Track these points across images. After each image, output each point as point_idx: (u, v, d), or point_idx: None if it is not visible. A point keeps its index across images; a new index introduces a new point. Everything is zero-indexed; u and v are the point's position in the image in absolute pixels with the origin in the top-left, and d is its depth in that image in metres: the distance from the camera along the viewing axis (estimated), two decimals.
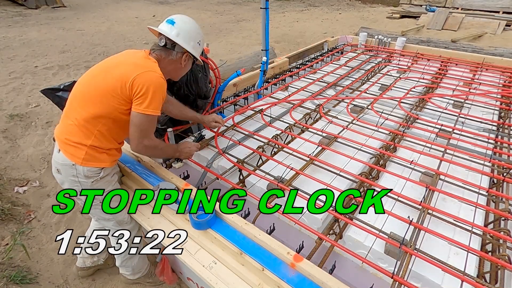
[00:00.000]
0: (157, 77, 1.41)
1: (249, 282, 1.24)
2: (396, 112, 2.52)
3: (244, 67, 3.27)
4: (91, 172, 1.45)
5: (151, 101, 1.38)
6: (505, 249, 1.29)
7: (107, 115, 1.41)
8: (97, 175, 1.48)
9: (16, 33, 8.21)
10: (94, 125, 1.41)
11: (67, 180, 1.48)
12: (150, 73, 1.39)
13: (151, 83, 1.37)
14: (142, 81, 1.36)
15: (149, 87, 1.36)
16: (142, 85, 1.36)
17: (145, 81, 1.36)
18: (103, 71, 1.45)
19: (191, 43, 1.57)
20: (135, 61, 1.44)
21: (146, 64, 1.43)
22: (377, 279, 1.36)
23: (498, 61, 3.63)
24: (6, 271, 2.04)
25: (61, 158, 1.43)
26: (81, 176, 1.44)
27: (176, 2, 14.39)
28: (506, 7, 9.30)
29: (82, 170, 1.43)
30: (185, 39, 1.54)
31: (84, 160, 1.42)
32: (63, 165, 1.44)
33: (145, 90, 1.36)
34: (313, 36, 8.19)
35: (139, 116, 1.40)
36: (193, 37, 1.58)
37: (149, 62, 1.46)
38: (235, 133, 2.22)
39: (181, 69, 1.63)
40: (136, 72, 1.37)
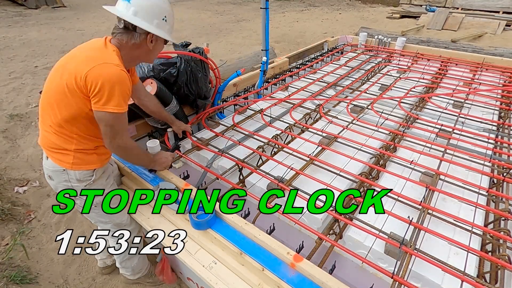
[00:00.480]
0: (113, 70, 1.23)
1: (249, 282, 1.24)
2: (396, 112, 2.52)
3: (244, 67, 3.27)
4: (83, 175, 1.41)
5: (109, 98, 1.22)
6: (505, 249, 1.29)
7: (77, 115, 1.30)
8: (89, 178, 1.43)
9: (16, 33, 8.22)
10: (69, 129, 1.33)
11: (60, 186, 1.44)
12: (103, 66, 1.22)
13: (106, 78, 1.21)
14: (95, 76, 1.20)
15: (104, 83, 1.20)
16: (96, 81, 1.20)
17: (99, 76, 1.20)
18: (60, 70, 1.31)
19: (154, 21, 1.33)
20: (88, 54, 1.28)
21: (100, 56, 1.26)
22: (377, 279, 1.36)
23: (498, 61, 3.62)
24: (6, 271, 2.04)
25: (50, 164, 1.39)
26: (74, 180, 1.41)
27: (176, 2, 14.39)
28: (506, 7, 9.29)
29: (74, 174, 1.39)
30: (145, 17, 1.31)
31: (73, 165, 1.37)
32: (54, 171, 1.40)
33: (100, 87, 1.20)
34: (313, 36, 8.19)
35: (101, 114, 1.25)
36: (156, 13, 1.33)
37: (105, 53, 1.29)
38: (235, 133, 2.23)
39: (151, 52, 1.42)
40: (88, 67, 1.21)
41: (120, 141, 1.35)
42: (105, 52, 1.29)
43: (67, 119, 1.30)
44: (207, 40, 7.97)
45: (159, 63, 2.09)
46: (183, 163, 2.13)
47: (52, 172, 1.41)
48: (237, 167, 1.83)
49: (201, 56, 2.19)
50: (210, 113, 2.49)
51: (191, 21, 10.33)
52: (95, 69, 1.21)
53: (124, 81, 1.26)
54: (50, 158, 1.39)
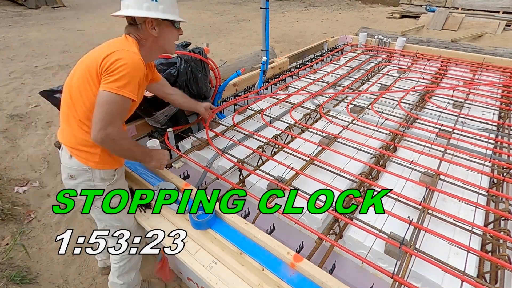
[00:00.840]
0: (133, 56, 1.24)
1: (249, 282, 1.24)
2: (396, 112, 2.53)
3: (244, 67, 3.27)
4: (107, 174, 1.41)
5: (123, 80, 1.19)
6: (505, 249, 1.29)
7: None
8: (112, 177, 1.43)
9: (16, 33, 8.22)
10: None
11: (82, 185, 1.41)
12: (124, 51, 1.23)
13: (126, 61, 1.20)
14: (114, 58, 1.20)
15: (123, 65, 1.19)
16: (114, 61, 1.20)
17: (118, 58, 1.20)
18: (84, 61, 1.33)
19: (143, 5, 1.32)
20: (110, 43, 1.32)
21: (121, 44, 1.29)
22: (377, 279, 1.36)
23: (498, 61, 3.63)
24: (6, 271, 2.04)
25: (75, 163, 1.36)
26: (97, 179, 1.39)
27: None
28: (506, 7, 9.29)
29: (98, 173, 1.38)
30: (134, 5, 1.32)
31: (99, 164, 1.36)
32: (79, 170, 1.37)
33: (118, 67, 1.19)
34: (313, 36, 8.19)
35: (107, 94, 1.19)
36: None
37: (126, 42, 1.32)
38: (235, 133, 2.23)
39: (159, 39, 1.41)
40: (109, 51, 1.22)
41: (113, 129, 1.24)
42: (126, 42, 1.32)
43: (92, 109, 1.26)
44: (207, 40, 7.97)
45: (159, 63, 2.09)
46: (183, 163, 2.13)
47: (76, 172, 1.37)
48: (237, 167, 1.83)
49: (201, 56, 2.19)
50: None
51: (191, 21, 10.33)
52: (115, 53, 1.22)
53: (141, 69, 1.27)
54: (74, 157, 1.35)
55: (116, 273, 1.76)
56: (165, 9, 1.37)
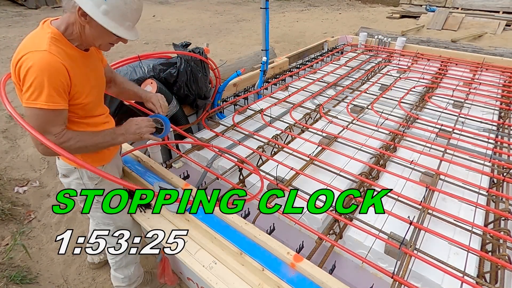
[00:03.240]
0: (41, 56, 1.06)
1: (249, 282, 1.24)
2: (396, 112, 2.52)
3: (244, 67, 3.27)
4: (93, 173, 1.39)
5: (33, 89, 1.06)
6: (505, 249, 1.29)
7: None
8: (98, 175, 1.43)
9: (16, 33, 8.20)
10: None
11: (73, 183, 1.43)
12: (31, 53, 1.06)
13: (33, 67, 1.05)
14: (23, 64, 1.06)
15: (30, 72, 1.05)
16: (23, 68, 1.06)
17: (26, 64, 1.06)
18: None
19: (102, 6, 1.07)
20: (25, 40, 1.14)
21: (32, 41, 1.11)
22: (377, 279, 1.36)
23: (498, 61, 3.63)
24: (6, 271, 2.04)
25: (62, 163, 1.38)
26: (85, 178, 1.40)
27: (176, 2, 14.38)
28: (506, 7, 9.29)
29: (85, 172, 1.39)
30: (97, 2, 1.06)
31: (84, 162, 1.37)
32: (67, 169, 1.39)
33: (25, 75, 1.06)
34: (313, 36, 8.18)
35: (25, 109, 1.09)
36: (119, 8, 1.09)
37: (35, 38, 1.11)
38: (235, 133, 2.23)
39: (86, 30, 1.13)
40: (20, 54, 1.08)
41: (54, 138, 1.12)
42: (36, 37, 1.11)
43: None
44: (207, 40, 7.96)
45: (159, 63, 2.09)
46: (183, 163, 2.13)
47: (65, 171, 1.40)
48: (237, 167, 1.83)
49: (201, 56, 2.19)
50: (210, 113, 2.49)
51: (191, 21, 10.33)
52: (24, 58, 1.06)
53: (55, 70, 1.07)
54: (61, 158, 1.37)
55: (114, 267, 1.78)
56: (108, 13, 1.09)
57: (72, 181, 1.43)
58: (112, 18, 1.10)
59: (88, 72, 1.25)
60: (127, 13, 1.13)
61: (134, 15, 1.17)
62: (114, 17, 1.10)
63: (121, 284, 1.84)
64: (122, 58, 2.08)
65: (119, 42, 1.24)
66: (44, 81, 1.05)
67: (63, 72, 1.10)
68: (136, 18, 1.19)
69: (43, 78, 1.05)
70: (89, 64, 1.28)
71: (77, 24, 1.13)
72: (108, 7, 1.08)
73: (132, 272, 1.81)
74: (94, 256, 2.10)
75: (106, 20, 1.09)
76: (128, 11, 1.13)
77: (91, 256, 2.12)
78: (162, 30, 8.93)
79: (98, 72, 1.35)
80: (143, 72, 2.05)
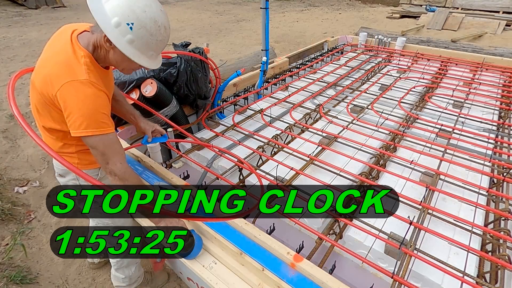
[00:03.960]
0: (81, 89, 1.06)
1: (249, 282, 1.24)
2: (396, 112, 2.52)
3: (244, 67, 3.27)
4: (89, 173, 1.38)
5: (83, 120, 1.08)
6: (505, 249, 1.29)
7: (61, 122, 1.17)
8: (95, 176, 1.43)
9: (16, 33, 8.21)
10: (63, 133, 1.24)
11: (69, 183, 1.45)
12: (71, 84, 1.06)
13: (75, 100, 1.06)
14: (64, 97, 1.07)
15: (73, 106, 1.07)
16: (65, 102, 1.07)
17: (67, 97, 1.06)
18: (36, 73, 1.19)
19: (113, 19, 1.05)
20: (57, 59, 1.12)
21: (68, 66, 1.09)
22: (377, 279, 1.36)
23: (498, 61, 3.63)
24: (6, 271, 2.04)
25: (58, 163, 1.39)
26: (81, 179, 1.38)
27: (176, 2, 14.38)
28: (506, 7, 9.29)
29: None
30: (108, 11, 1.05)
31: (79, 165, 1.36)
32: (64, 170, 1.41)
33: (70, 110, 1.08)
34: (313, 36, 8.18)
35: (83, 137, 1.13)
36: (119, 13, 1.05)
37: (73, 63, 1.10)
38: (235, 133, 2.23)
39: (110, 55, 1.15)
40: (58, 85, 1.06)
41: (114, 167, 1.19)
42: (73, 62, 1.10)
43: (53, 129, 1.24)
44: (207, 40, 7.95)
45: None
46: (183, 163, 2.13)
47: (62, 171, 1.43)
48: (237, 167, 1.83)
49: (201, 56, 2.19)
50: (210, 113, 2.49)
51: (191, 21, 10.32)
52: (63, 89, 1.06)
53: (95, 98, 1.10)
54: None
55: (115, 267, 1.78)
56: (133, 42, 1.09)
57: (69, 181, 1.44)
58: (136, 47, 1.11)
59: (110, 88, 1.32)
60: (151, 44, 1.14)
61: (159, 46, 1.18)
62: (138, 46, 1.11)
63: (121, 284, 1.84)
64: None
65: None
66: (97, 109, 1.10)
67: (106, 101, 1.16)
68: (160, 48, 1.20)
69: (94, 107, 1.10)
70: (109, 80, 1.34)
71: (103, 48, 1.15)
72: (133, 37, 1.09)
73: (132, 272, 1.82)
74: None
75: (129, 49, 1.10)
76: (153, 42, 1.14)
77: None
78: None
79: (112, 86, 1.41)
80: (143, 72, 2.05)
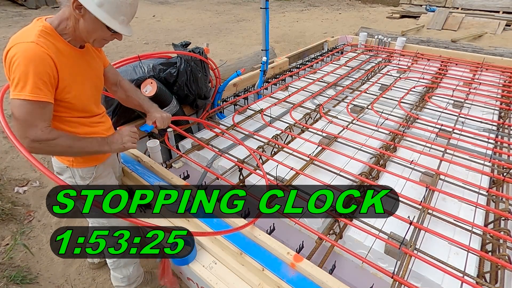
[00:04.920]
0: (27, 47, 1.04)
1: (249, 282, 1.24)
2: (396, 112, 2.52)
3: (244, 67, 3.27)
4: (85, 172, 1.41)
5: (18, 80, 1.04)
6: (505, 249, 1.29)
7: None
8: (90, 175, 1.42)
9: None
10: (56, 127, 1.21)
11: (67, 181, 1.44)
12: (19, 44, 1.05)
13: (18, 57, 1.03)
14: (10, 55, 1.06)
15: (15, 63, 1.04)
16: (10, 59, 1.06)
17: (13, 54, 1.05)
18: None
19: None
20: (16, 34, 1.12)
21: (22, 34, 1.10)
22: (377, 279, 1.36)
23: (498, 61, 3.63)
24: (6, 271, 2.04)
25: (56, 161, 1.40)
26: (77, 177, 1.41)
27: (176, 2, 14.38)
28: (506, 7, 9.29)
29: (76, 172, 1.39)
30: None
31: (74, 162, 1.35)
32: (60, 167, 1.40)
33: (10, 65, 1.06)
34: (313, 36, 8.18)
35: (11, 101, 1.07)
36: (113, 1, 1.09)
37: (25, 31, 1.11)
38: (235, 133, 2.22)
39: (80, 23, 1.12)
40: (7, 48, 1.07)
41: (34, 134, 1.09)
42: (25, 31, 1.11)
43: None
44: (207, 40, 7.95)
45: (159, 63, 2.09)
46: (183, 163, 2.13)
47: (59, 169, 1.41)
48: (237, 167, 1.83)
49: (201, 56, 2.19)
50: (210, 113, 2.49)
51: (191, 21, 10.33)
52: (11, 49, 1.06)
53: (40, 60, 1.05)
54: (54, 156, 1.39)
55: (112, 267, 1.77)
56: (103, 5, 1.08)
57: (66, 179, 1.42)
58: (106, 10, 1.09)
59: (81, 69, 1.23)
60: (121, 6, 1.12)
61: (129, 10, 1.16)
62: (108, 9, 1.10)
63: (121, 284, 1.84)
64: (122, 58, 2.08)
65: (114, 39, 1.22)
66: (29, 72, 1.03)
67: (49, 63, 1.08)
68: (130, 13, 1.18)
69: (28, 68, 1.03)
70: (83, 62, 1.26)
71: (71, 18, 1.12)
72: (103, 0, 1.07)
73: (131, 272, 1.81)
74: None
75: (100, 12, 1.08)
76: (123, 5, 1.12)
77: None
78: (162, 30, 8.93)
79: (95, 71, 1.34)
80: (143, 72, 2.05)
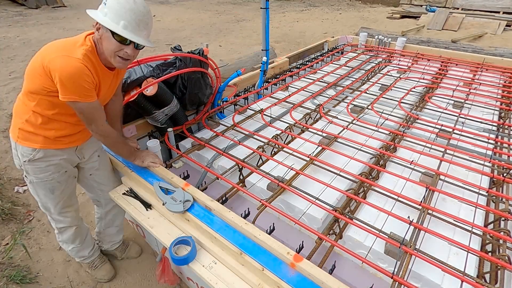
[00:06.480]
0: (69, 62, 1.25)
1: (249, 282, 1.24)
2: (396, 112, 2.52)
3: (244, 67, 3.27)
4: (24, 151, 1.45)
5: (67, 89, 1.27)
6: (505, 249, 1.29)
7: (40, 90, 1.33)
8: (28, 155, 1.45)
9: (17, 33, 8.21)
10: (30, 101, 1.38)
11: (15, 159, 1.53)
12: (62, 58, 1.25)
13: (62, 71, 1.24)
14: (54, 67, 1.25)
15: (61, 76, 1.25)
16: (54, 71, 1.25)
17: (55, 67, 1.25)
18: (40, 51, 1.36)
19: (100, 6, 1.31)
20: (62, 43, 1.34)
21: (67, 47, 1.30)
22: (377, 279, 1.36)
23: (498, 62, 3.63)
24: (6, 271, 2.04)
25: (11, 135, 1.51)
26: (20, 154, 1.48)
27: (176, 2, 14.39)
28: (506, 7, 9.29)
29: (19, 149, 1.46)
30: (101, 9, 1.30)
31: (19, 138, 1.44)
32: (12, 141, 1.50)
33: (57, 78, 1.25)
34: (313, 36, 8.18)
35: (68, 103, 1.32)
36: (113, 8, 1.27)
37: (73, 46, 1.31)
38: (235, 133, 2.22)
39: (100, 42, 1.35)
40: (51, 56, 1.26)
41: (95, 128, 1.43)
42: (73, 46, 1.31)
43: (29, 91, 1.36)
44: (207, 40, 7.96)
45: (159, 63, 2.09)
46: (183, 163, 2.13)
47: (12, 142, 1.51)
48: (237, 167, 1.83)
49: (201, 56, 2.19)
50: (210, 113, 2.49)
51: (191, 21, 10.33)
52: (56, 59, 1.25)
53: (79, 74, 1.27)
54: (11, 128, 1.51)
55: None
56: (107, 14, 1.27)
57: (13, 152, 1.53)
58: (110, 18, 1.27)
59: (105, 87, 1.47)
60: (120, 12, 1.26)
61: (128, 15, 1.28)
62: (111, 17, 1.27)
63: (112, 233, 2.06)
64: None
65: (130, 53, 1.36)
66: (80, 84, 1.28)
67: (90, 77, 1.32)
68: (130, 18, 1.28)
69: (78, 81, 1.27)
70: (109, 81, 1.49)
71: (98, 40, 1.35)
72: (107, 10, 1.27)
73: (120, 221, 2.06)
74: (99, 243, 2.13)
75: (104, 20, 1.27)
76: (122, 10, 1.26)
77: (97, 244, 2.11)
78: (162, 30, 8.93)
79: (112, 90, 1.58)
80: (143, 71, 2.04)
